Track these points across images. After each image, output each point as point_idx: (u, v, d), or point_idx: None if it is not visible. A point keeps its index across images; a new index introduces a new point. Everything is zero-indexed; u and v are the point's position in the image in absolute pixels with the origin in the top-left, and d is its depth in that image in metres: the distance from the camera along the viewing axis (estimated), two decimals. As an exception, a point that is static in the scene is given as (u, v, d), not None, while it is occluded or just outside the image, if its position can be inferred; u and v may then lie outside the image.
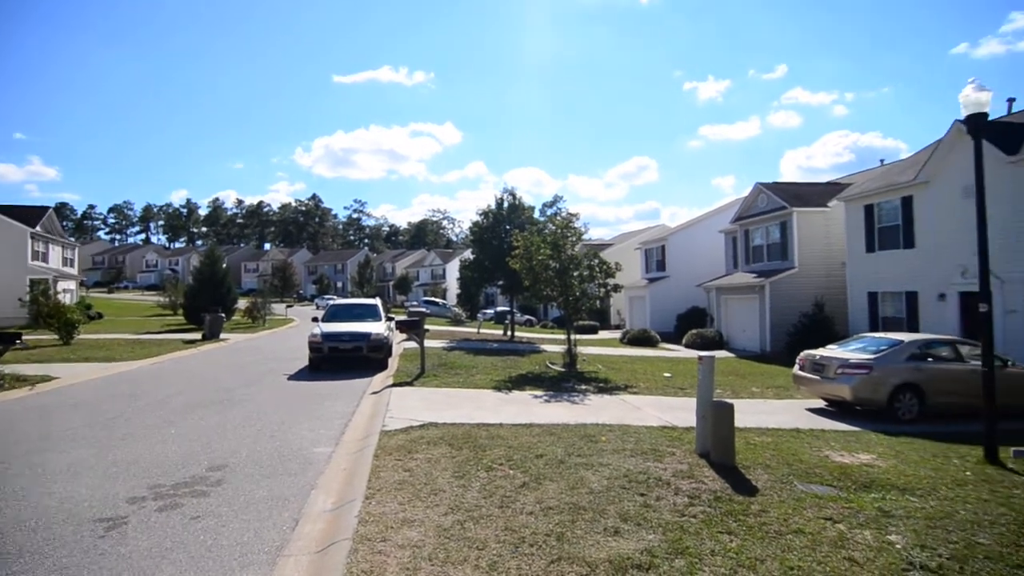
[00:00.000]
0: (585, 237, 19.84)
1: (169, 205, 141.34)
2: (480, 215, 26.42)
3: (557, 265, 16.41)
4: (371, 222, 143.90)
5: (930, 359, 10.81)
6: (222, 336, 24.01)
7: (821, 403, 11.87)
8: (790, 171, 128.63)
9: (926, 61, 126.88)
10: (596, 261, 17.18)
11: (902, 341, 10.99)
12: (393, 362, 15.99)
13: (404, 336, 16.79)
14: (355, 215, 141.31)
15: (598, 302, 18.96)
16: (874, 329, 18.15)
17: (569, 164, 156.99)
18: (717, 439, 6.90)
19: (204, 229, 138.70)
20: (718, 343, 24.91)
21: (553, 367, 16.39)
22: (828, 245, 22.65)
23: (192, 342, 22.06)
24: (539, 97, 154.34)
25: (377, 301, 18.59)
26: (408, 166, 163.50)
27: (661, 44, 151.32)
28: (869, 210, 19.26)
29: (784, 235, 23.43)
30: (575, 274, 16.60)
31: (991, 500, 6.12)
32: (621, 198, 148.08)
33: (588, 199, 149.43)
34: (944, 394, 10.32)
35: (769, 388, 14.20)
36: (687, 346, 24.84)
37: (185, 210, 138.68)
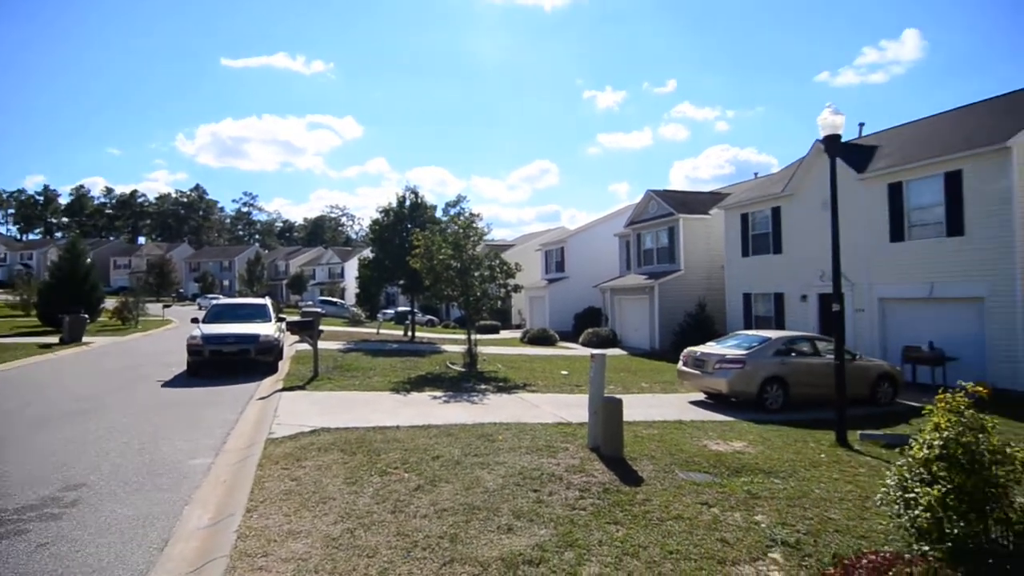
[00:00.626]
0: (487, 238, 19.97)
1: (22, 192, 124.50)
2: (381, 213, 25.78)
3: (458, 265, 16.38)
4: (263, 217, 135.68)
5: (793, 354, 12.00)
6: (85, 339, 21.54)
7: (702, 396, 12.78)
8: (678, 180, 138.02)
9: (794, 85, 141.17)
10: (497, 262, 17.35)
11: (770, 338, 12.12)
12: (284, 365, 15.16)
13: (297, 338, 15.97)
14: (245, 209, 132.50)
15: (499, 302, 19.18)
16: (748, 327, 19.86)
17: (473, 165, 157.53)
18: (607, 433, 7.20)
19: (65, 220, 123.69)
20: (612, 341, 26.09)
21: (453, 367, 16.34)
22: (710, 249, 24.47)
23: (49, 346, 19.58)
24: (444, 96, 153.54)
25: (267, 301, 17.55)
26: (305, 159, 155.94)
27: (563, 51, 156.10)
28: (744, 219, 21.04)
29: (672, 239, 25.02)
30: (476, 274, 16.66)
31: (840, 479, 6.89)
32: (524, 200, 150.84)
33: (491, 200, 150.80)
34: (804, 385, 11.51)
35: (657, 383, 15.07)
36: (584, 344, 25.78)
37: (41, 198, 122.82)
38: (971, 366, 13.41)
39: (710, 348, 12.63)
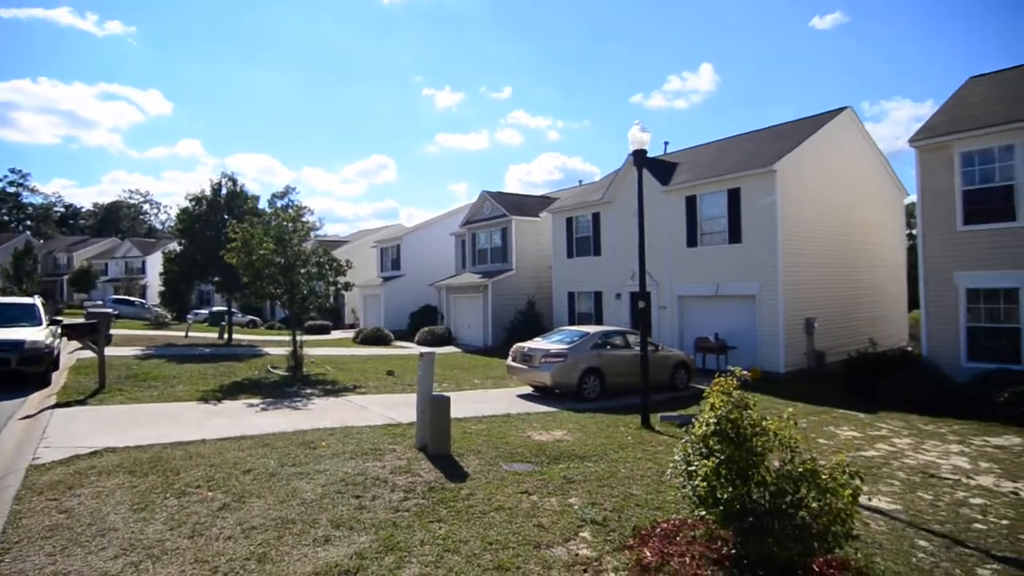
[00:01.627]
0: (319, 233, 18.90)
1: None
2: (192, 201, 22.92)
3: (282, 261, 15.23)
4: (37, 200, 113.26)
5: (608, 347, 13.14)
6: None
7: (530, 389, 13.43)
8: (513, 183, 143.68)
9: (614, 103, 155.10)
10: (326, 258, 16.48)
11: (588, 333, 13.15)
12: (60, 377, 12.80)
13: (79, 345, 13.57)
14: (12, 189, 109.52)
15: (331, 300, 18.23)
16: (572, 323, 21.37)
17: (305, 155, 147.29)
18: (435, 431, 7.21)
19: None
20: (448, 339, 26.31)
21: (275, 371, 15.17)
22: (539, 250, 25.87)
23: None
24: (272, 79, 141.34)
25: (36, 300, 14.62)
26: (96, 134, 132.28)
27: (402, 47, 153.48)
28: (569, 222, 22.59)
29: (505, 240, 25.97)
30: (303, 271, 15.64)
31: (643, 458, 7.69)
32: (360, 195, 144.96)
33: (324, 193, 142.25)
34: (617, 375, 12.68)
35: (489, 379, 15.50)
36: (419, 343, 25.63)
37: None
38: (747, 353, 15.89)
39: (536, 343, 13.32)
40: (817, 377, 15.26)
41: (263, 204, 24.77)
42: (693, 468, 4.58)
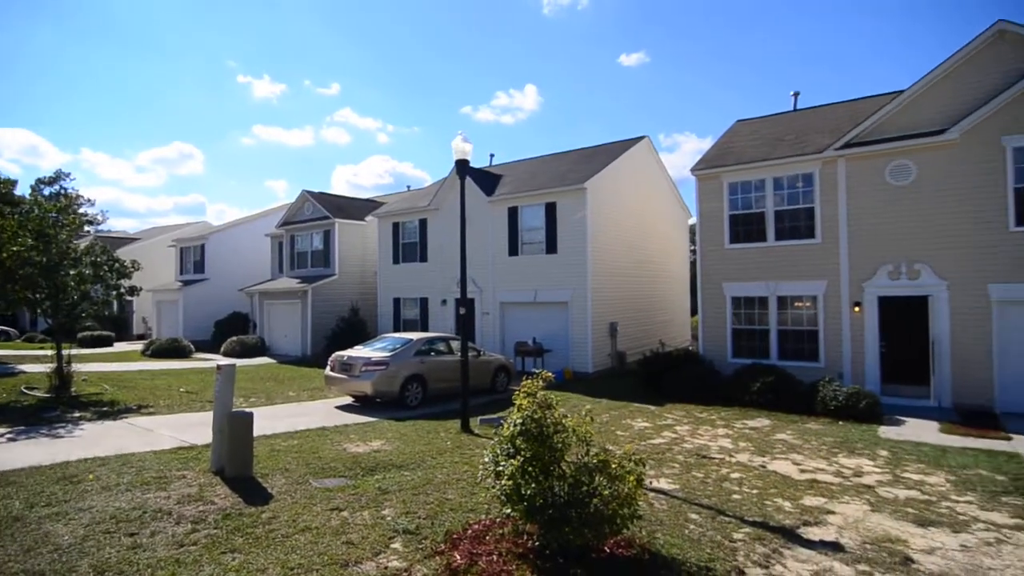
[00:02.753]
0: (101, 228, 16.09)
1: None
2: (-92, 182, 18.04)
3: (44, 260, 12.72)
4: None
5: (432, 353, 13.16)
6: None
7: (350, 400, 12.89)
8: (340, 185, 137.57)
9: (445, 112, 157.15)
10: (105, 257, 14.13)
11: (412, 339, 13.05)
12: None
13: None
14: None
15: (112, 308, 15.63)
16: (398, 330, 21.05)
17: (85, 135, 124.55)
18: (234, 452, 6.54)
19: None
20: (261, 349, 24.20)
21: (31, 393, 12.58)
22: (364, 255, 25.07)
23: None
24: (45, 43, 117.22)
25: None
26: None
27: (214, 26, 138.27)
28: (396, 227, 22.28)
29: (327, 243, 24.71)
30: (73, 272, 13.22)
31: (460, 462, 7.80)
32: (158, 186, 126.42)
33: (112, 182, 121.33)
34: (440, 381, 12.75)
35: (306, 391, 14.56)
36: (226, 355, 23.17)
37: None
38: (561, 355, 17.08)
39: (357, 352, 12.85)
40: (620, 375, 16.94)
41: (24, 190, 20.48)
42: (501, 468, 4.75)
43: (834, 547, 5.29)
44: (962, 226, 11.68)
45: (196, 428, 9.38)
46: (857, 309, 12.65)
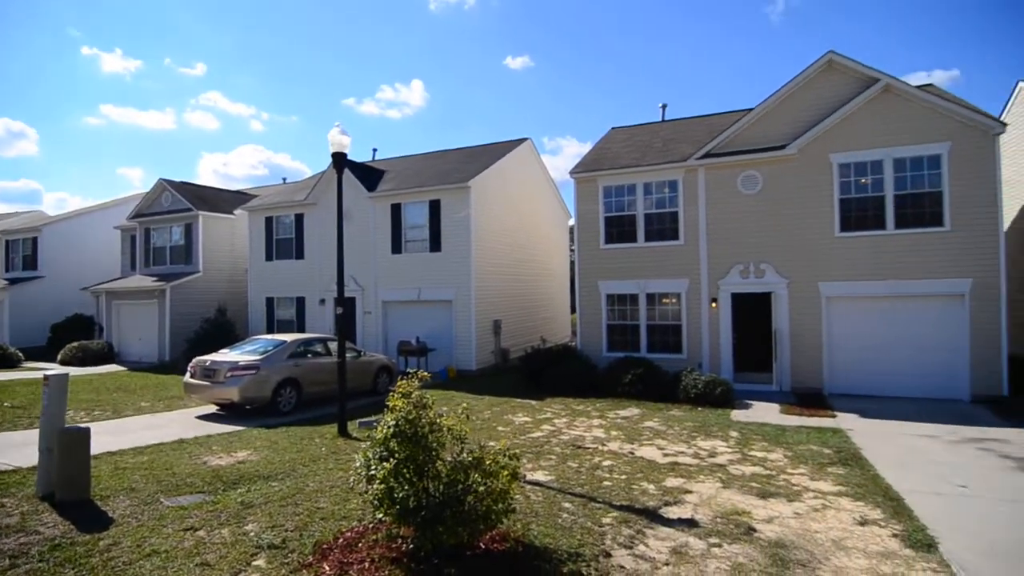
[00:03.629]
0: None
1: None
2: None
3: None
4: None
5: (309, 355, 12.50)
6: None
7: (214, 408, 11.89)
8: (208, 175, 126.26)
9: (326, 103, 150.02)
10: None
11: (285, 341, 12.30)
12: None
13: None
14: None
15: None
16: (271, 331, 19.75)
17: None
18: (66, 474, 5.75)
19: None
20: (108, 356, 21.57)
21: None
22: (233, 251, 23.25)
23: None
24: None
25: None
26: None
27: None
28: (270, 222, 20.89)
29: (189, 238, 22.58)
30: None
31: (335, 468, 7.48)
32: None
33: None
34: (317, 384, 12.15)
35: (162, 400, 13.20)
36: (64, 363, 20.37)
37: None
38: (445, 354, 17.01)
39: (222, 356, 11.87)
40: (503, 372, 17.22)
41: None
42: (373, 472, 4.61)
43: (690, 524, 5.75)
44: (799, 231, 13.24)
45: (21, 448, 8.14)
46: (714, 305, 13.90)
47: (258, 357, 11.55)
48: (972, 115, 11.98)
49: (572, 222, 22.90)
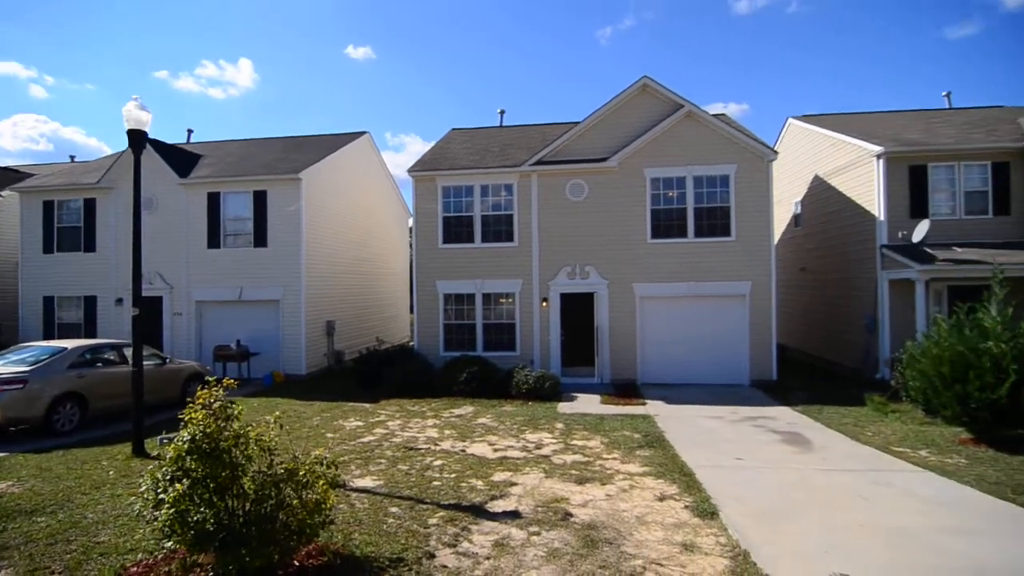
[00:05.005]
0: None
1: None
2: None
3: None
4: None
5: (99, 364, 10.74)
6: None
7: (-37, 432, 9.68)
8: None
9: (130, 74, 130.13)
10: None
11: (65, 348, 10.40)
12: None
13: None
14: None
15: None
16: (51, 337, 16.66)
17: None
18: None
19: None
20: None
21: None
22: (2, 241, 19.24)
23: None
24: None
25: None
26: None
27: None
28: (50, 207, 17.60)
29: (-67, 223, 18.16)
30: None
31: (124, 494, 6.49)
32: None
33: None
34: (108, 398, 10.47)
35: None
36: None
37: None
38: (271, 357, 15.77)
39: (-25, 368, 9.71)
40: (337, 375, 16.44)
41: None
42: (162, 496, 4.07)
43: (513, 515, 5.96)
44: (618, 237, 14.50)
45: None
46: (545, 304, 14.67)
47: (26, 368, 9.65)
48: (753, 143, 14.11)
49: (412, 220, 22.67)
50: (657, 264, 14.33)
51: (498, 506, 6.23)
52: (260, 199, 16.25)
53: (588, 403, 12.14)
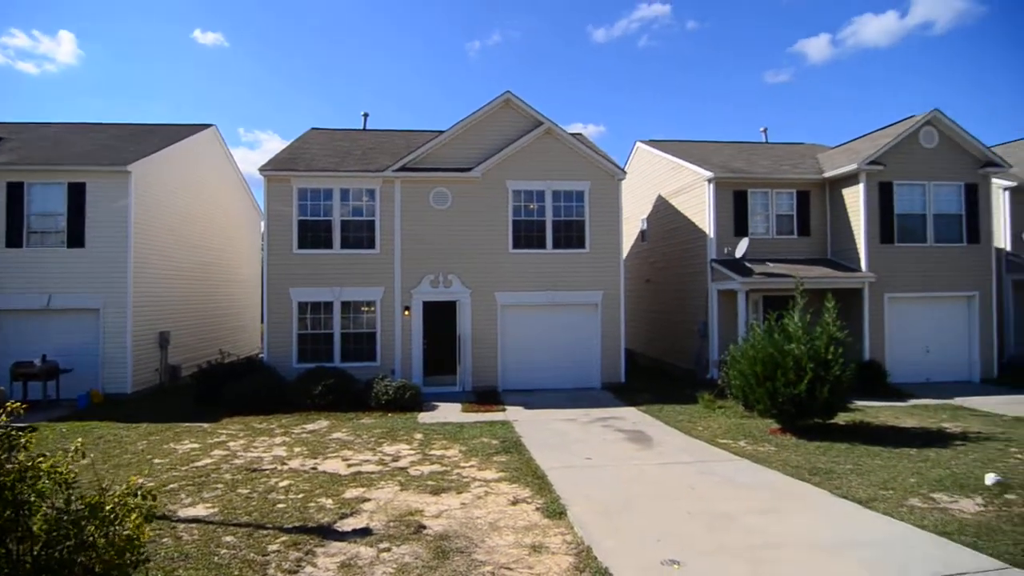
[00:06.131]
0: None
1: None
2: None
3: None
4: None
5: None
6: None
7: None
8: None
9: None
10: None
11: None
12: None
13: None
14: None
15: None
16: None
17: None
18: None
19: None
20: None
21: None
22: None
23: None
24: None
25: None
26: None
27: None
28: None
29: None
30: None
31: None
32: None
33: None
34: None
35: None
36: None
37: None
38: (89, 374, 13.70)
39: None
40: (170, 392, 14.74)
41: None
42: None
43: (364, 532, 5.74)
44: (481, 246, 14.72)
45: None
46: (407, 313, 14.44)
47: None
48: (605, 162, 15.13)
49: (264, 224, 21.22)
50: (518, 274, 14.77)
51: (348, 524, 5.97)
52: (77, 192, 14.13)
53: (449, 412, 12.12)
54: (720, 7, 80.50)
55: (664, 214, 18.60)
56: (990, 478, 7.18)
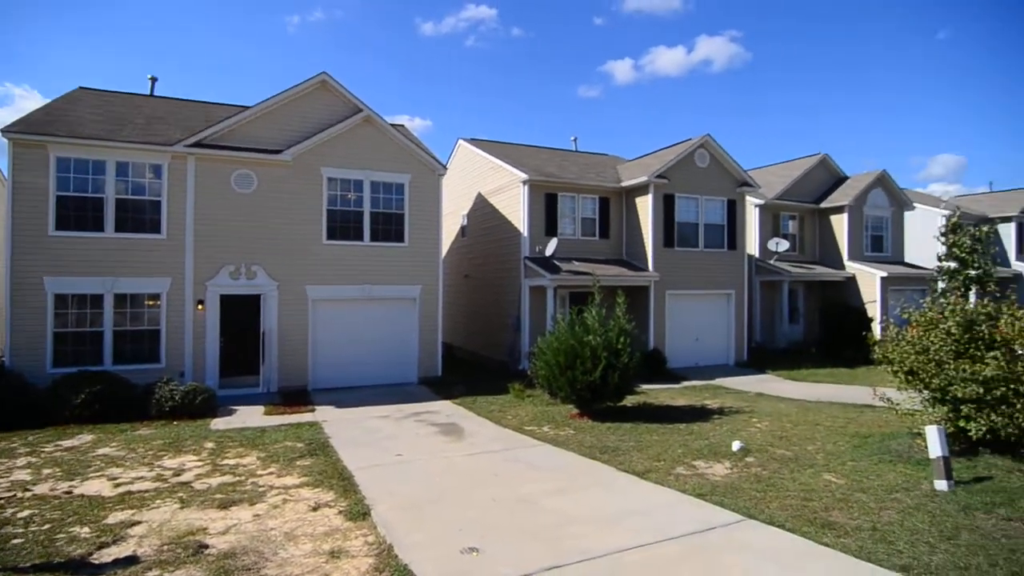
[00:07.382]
0: None
1: None
2: None
3: None
4: None
5: None
6: None
7: None
8: None
9: None
10: None
11: None
12: None
13: None
14: None
15: None
16: None
17: None
18: None
19: None
20: None
21: None
22: None
23: None
24: None
25: None
26: None
27: None
28: None
29: None
30: None
31: None
32: None
33: None
34: None
35: None
36: None
37: None
38: None
39: None
40: None
41: None
42: None
43: (129, 561, 4.98)
44: (291, 236, 13.70)
45: None
46: (200, 307, 12.87)
47: None
48: (426, 156, 15.07)
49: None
50: (332, 266, 14.04)
51: (108, 554, 5.13)
52: None
53: (249, 415, 11.10)
54: (542, 19, 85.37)
55: (483, 211, 19.15)
56: (736, 445, 8.62)
